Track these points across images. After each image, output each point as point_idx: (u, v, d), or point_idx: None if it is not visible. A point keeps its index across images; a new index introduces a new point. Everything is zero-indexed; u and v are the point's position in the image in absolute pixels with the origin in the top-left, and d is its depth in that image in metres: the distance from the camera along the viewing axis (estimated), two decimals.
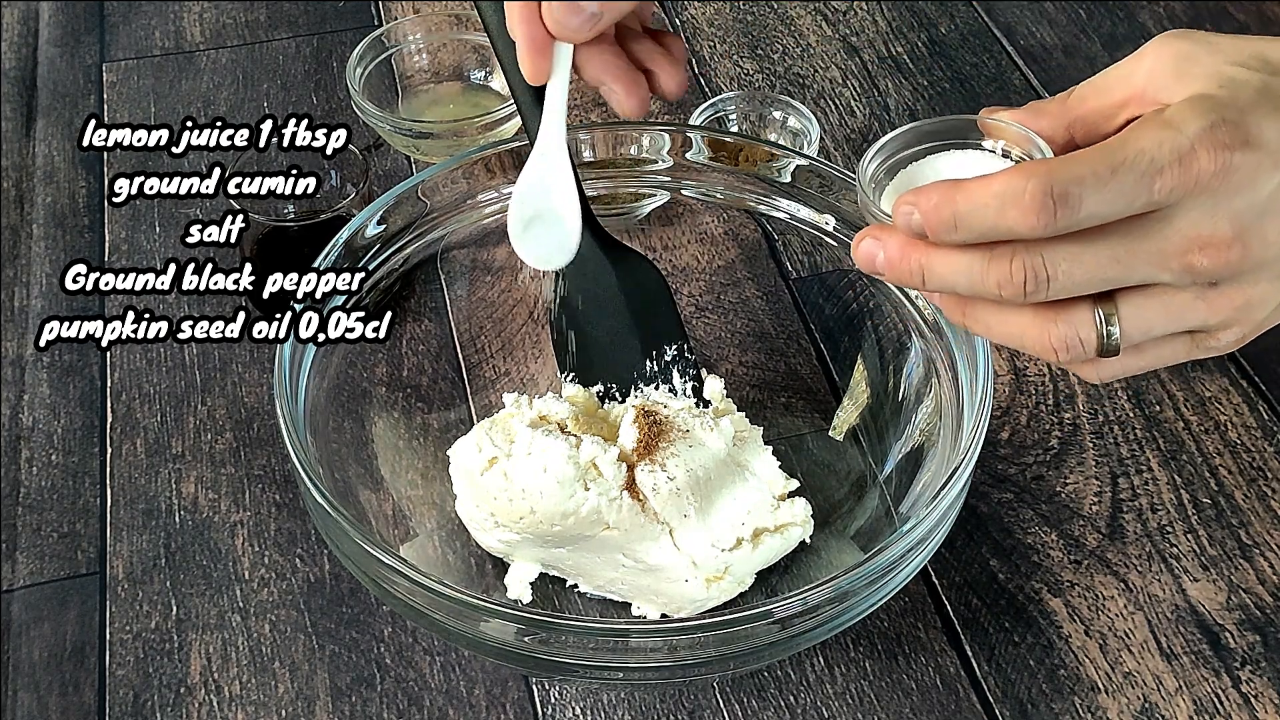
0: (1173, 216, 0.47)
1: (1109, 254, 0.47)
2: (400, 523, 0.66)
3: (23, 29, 1.01)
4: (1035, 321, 0.49)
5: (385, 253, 0.69)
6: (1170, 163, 0.46)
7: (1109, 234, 0.47)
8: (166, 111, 0.94)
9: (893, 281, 0.51)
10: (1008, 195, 0.46)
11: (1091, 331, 0.49)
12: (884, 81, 0.96)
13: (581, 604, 0.66)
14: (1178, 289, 0.49)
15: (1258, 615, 0.66)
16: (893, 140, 0.53)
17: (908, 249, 0.50)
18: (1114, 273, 0.48)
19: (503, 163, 0.71)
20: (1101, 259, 0.47)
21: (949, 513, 0.58)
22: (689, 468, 0.62)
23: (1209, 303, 0.49)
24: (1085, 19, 1.01)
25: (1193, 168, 0.46)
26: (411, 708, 0.63)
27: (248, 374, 0.77)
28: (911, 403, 0.68)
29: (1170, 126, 0.47)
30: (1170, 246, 0.47)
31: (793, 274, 0.79)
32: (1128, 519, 0.70)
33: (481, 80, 0.93)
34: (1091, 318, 0.49)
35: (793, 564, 0.66)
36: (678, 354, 0.69)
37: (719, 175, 0.72)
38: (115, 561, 0.69)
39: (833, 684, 0.64)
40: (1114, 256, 0.47)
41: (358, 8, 1.03)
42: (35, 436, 0.74)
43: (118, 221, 0.86)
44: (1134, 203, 0.46)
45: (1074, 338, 0.49)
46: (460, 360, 0.74)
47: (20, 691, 0.64)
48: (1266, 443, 0.73)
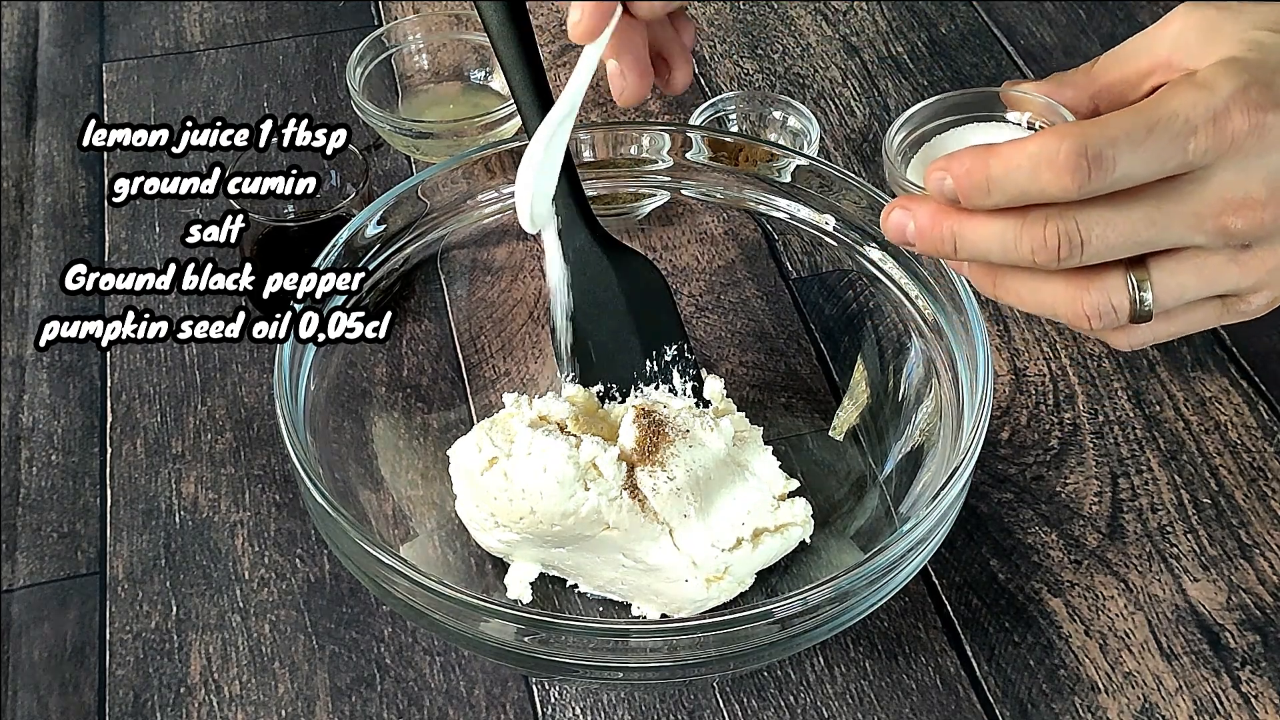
0: (1206, 178, 0.47)
1: (1143, 216, 0.47)
2: (400, 523, 0.66)
3: (23, 29, 1.01)
4: (1067, 289, 0.49)
5: (385, 253, 0.69)
6: (1204, 123, 0.46)
7: (1142, 197, 0.47)
8: (166, 111, 0.94)
9: (924, 251, 0.50)
10: (1042, 157, 0.46)
11: (1124, 298, 0.49)
12: (884, 81, 0.96)
13: (581, 604, 0.66)
14: (1210, 252, 0.49)
15: (1258, 615, 0.66)
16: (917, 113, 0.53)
17: (939, 216, 0.49)
18: (1148, 235, 0.47)
19: (503, 163, 0.71)
20: (1136, 222, 0.47)
21: (949, 513, 0.58)
22: (689, 468, 0.62)
23: (1241, 265, 0.49)
24: (1085, 19, 1.01)
25: (1226, 128, 0.46)
26: (411, 708, 0.63)
27: (248, 374, 0.77)
28: (911, 403, 0.68)
29: (1203, 87, 0.47)
30: (1204, 208, 0.47)
31: (793, 274, 0.79)
32: (1128, 519, 0.70)
33: (481, 80, 0.93)
34: (1124, 284, 0.49)
35: (793, 564, 0.66)
36: (678, 354, 0.69)
37: (719, 175, 0.72)
38: (115, 561, 0.69)
39: (833, 684, 0.64)
40: (1148, 219, 0.47)
41: (358, 8, 1.03)
42: (35, 436, 0.74)
43: (118, 221, 0.86)
44: (1167, 163, 0.46)
45: (1106, 304, 0.49)
46: (460, 360, 0.74)
47: (20, 691, 0.64)
48: (1266, 443, 0.73)
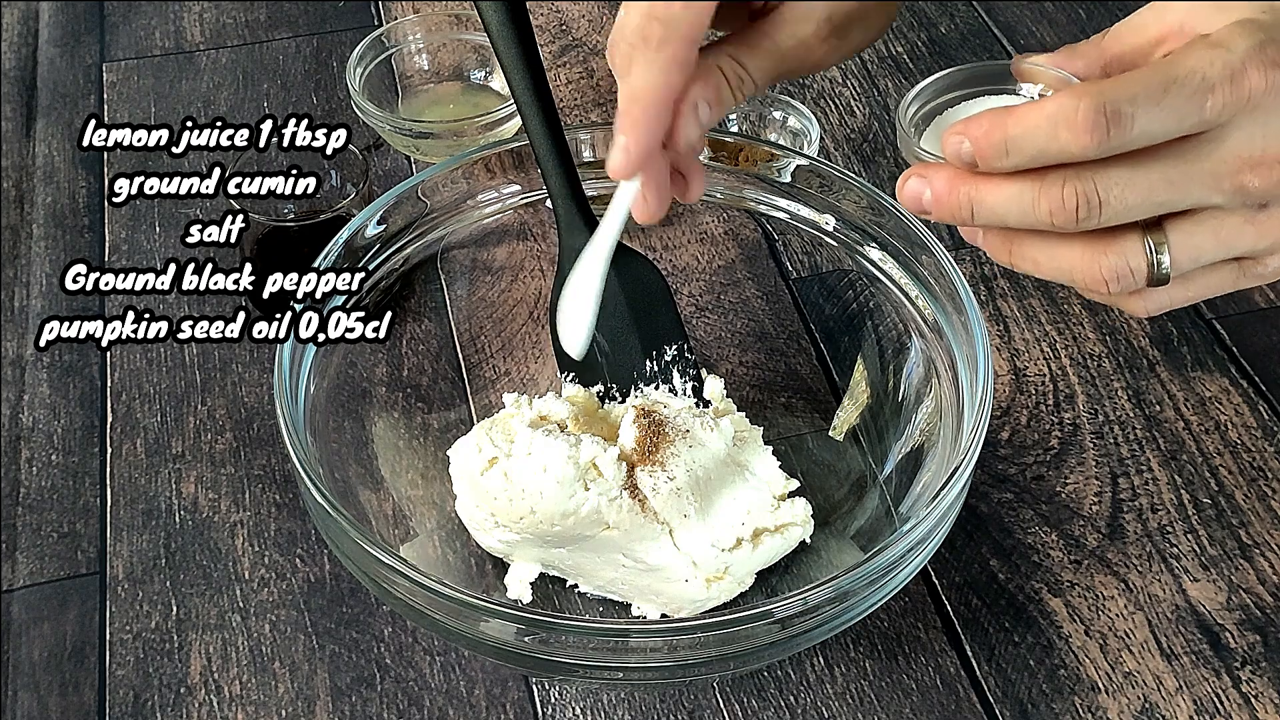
0: (1224, 137, 0.47)
1: (1161, 176, 0.47)
2: (400, 523, 0.66)
3: (23, 29, 1.01)
4: (1085, 253, 0.49)
5: (385, 253, 0.69)
6: (1221, 80, 0.46)
7: (1160, 156, 0.47)
8: (166, 111, 0.94)
9: (940, 219, 0.50)
10: (1060, 116, 0.46)
11: (1142, 260, 0.49)
12: (884, 81, 0.96)
13: (581, 604, 0.66)
14: (1227, 213, 0.49)
15: (1258, 615, 0.66)
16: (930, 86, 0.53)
17: (955, 182, 0.49)
18: (1166, 195, 0.48)
19: (503, 163, 0.71)
20: (1154, 181, 0.47)
21: (949, 513, 0.58)
22: (689, 468, 0.62)
23: (1258, 226, 0.49)
24: (1085, 19, 1.01)
25: (1244, 85, 0.46)
26: (411, 708, 0.63)
27: (248, 374, 0.77)
28: (911, 403, 0.68)
29: (1220, 46, 0.47)
30: (1222, 167, 0.47)
31: (793, 274, 0.79)
32: (1128, 519, 0.70)
33: (481, 80, 0.93)
34: (1141, 247, 0.49)
35: (793, 564, 0.66)
36: (678, 354, 0.69)
37: (719, 175, 0.72)
38: (115, 561, 0.69)
39: (833, 684, 0.64)
40: (1166, 179, 0.47)
41: (358, 8, 1.03)
42: (35, 436, 0.74)
43: (118, 221, 0.86)
44: (1185, 121, 0.46)
45: (1124, 267, 0.49)
46: (460, 360, 0.74)
47: (20, 691, 0.64)
48: (1266, 443, 0.73)
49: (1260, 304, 0.81)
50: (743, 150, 0.72)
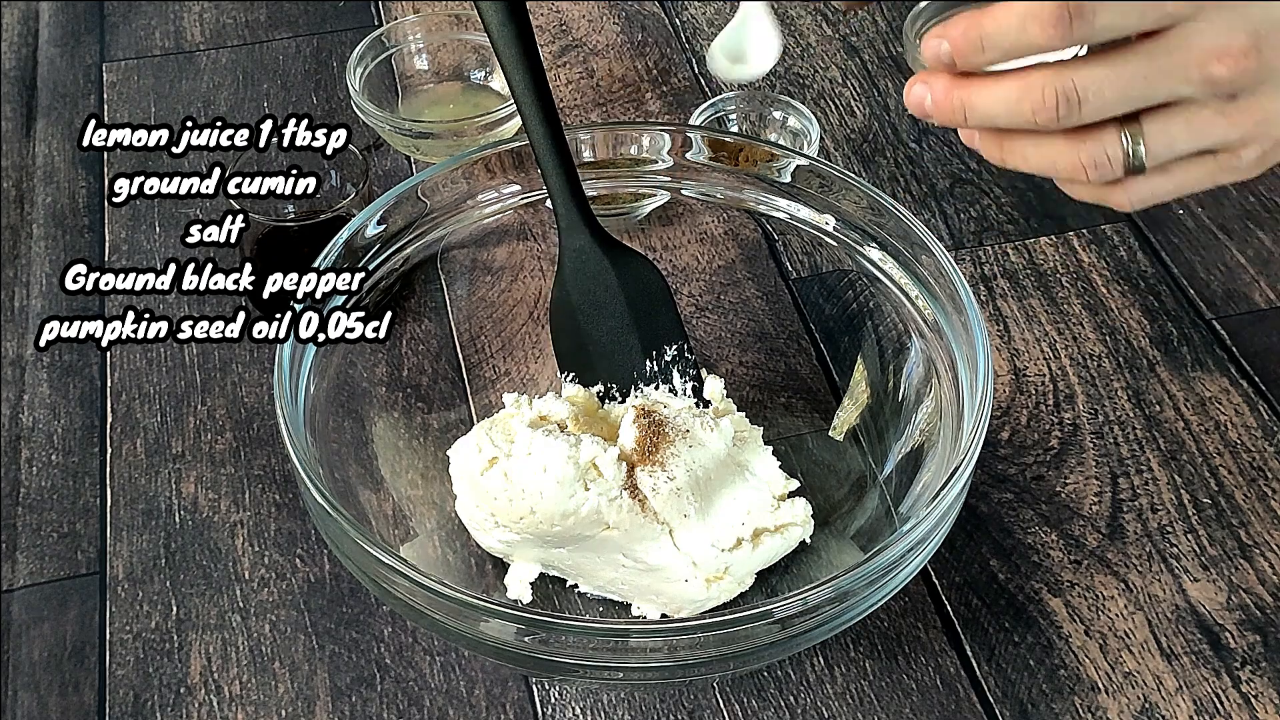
0: (1189, 31, 0.50)
1: (1133, 72, 0.50)
2: (400, 523, 0.66)
3: (23, 29, 1.01)
4: (1066, 146, 0.53)
5: (385, 253, 0.69)
6: None
7: (1132, 54, 0.50)
8: (166, 111, 0.94)
9: (940, 121, 0.55)
10: (1029, 13, 0.49)
11: (1118, 149, 0.52)
12: (884, 81, 0.96)
13: (581, 604, 0.66)
14: (1199, 104, 0.51)
15: (1258, 615, 0.66)
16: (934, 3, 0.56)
17: (951, 87, 0.53)
18: (1139, 90, 0.51)
19: (503, 163, 0.71)
20: (1127, 78, 0.50)
21: (949, 513, 0.58)
22: (689, 468, 0.62)
23: (1229, 117, 0.51)
24: None
25: None
26: (411, 708, 0.63)
27: (248, 374, 0.77)
28: (911, 403, 0.68)
29: None
30: (1190, 58, 0.50)
31: (793, 274, 0.79)
32: (1128, 519, 0.70)
33: (481, 80, 0.93)
34: (1118, 138, 0.52)
35: (793, 564, 0.66)
36: (678, 354, 0.69)
37: (719, 175, 0.72)
38: (115, 561, 0.69)
39: (833, 684, 0.64)
40: (1139, 73, 0.50)
41: (358, 8, 1.03)
42: (35, 436, 0.74)
43: (118, 221, 0.86)
44: (1147, 16, 0.49)
45: (1102, 155, 0.52)
46: (460, 360, 0.74)
47: (20, 691, 0.64)
48: (1266, 443, 0.73)
49: (1260, 304, 0.81)
50: (743, 150, 0.72)
